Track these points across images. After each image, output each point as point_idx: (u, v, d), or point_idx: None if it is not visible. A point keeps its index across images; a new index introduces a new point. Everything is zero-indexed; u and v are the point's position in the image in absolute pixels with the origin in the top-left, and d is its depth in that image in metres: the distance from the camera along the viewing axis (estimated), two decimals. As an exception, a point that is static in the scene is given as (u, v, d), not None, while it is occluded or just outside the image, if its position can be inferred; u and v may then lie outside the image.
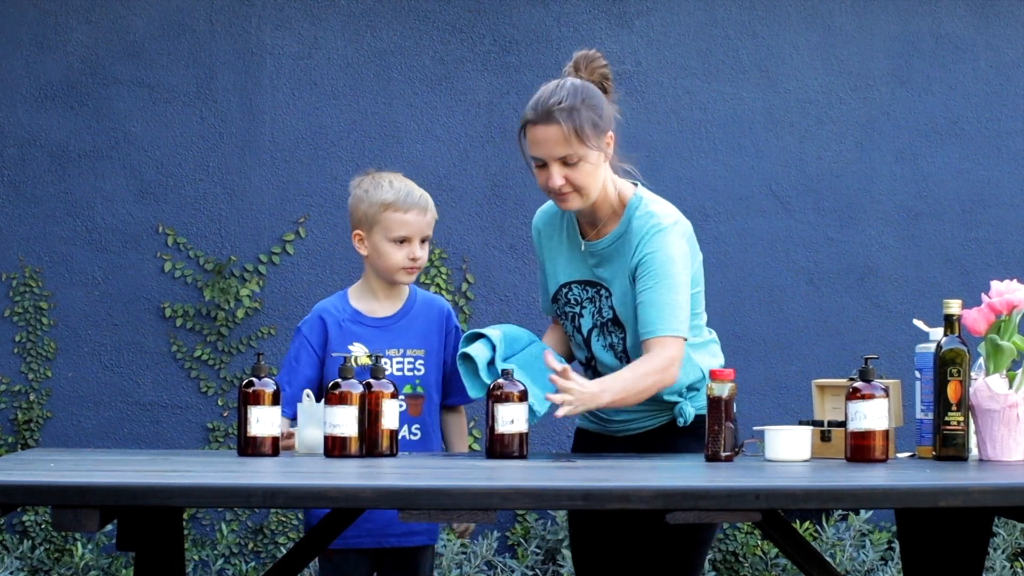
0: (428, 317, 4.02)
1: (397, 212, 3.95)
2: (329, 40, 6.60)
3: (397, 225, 3.94)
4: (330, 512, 3.61)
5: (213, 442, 6.50)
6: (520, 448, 3.60)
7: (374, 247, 3.96)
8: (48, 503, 2.99)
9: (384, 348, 3.94)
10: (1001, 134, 6.80)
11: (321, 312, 4.00)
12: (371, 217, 3.95)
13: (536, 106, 3.74)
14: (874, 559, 6.34)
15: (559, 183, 3.69)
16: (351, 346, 3.94)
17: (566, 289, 3.87)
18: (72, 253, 6.49)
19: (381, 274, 3.99)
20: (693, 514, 2.97)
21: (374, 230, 3.95)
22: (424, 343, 3.99)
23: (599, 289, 3.82)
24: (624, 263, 3.76)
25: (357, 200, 4.00)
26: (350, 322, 3.97)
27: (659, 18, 6.68)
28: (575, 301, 3.86)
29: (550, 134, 3.70)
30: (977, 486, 3.04)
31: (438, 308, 4.06)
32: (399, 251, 3.94)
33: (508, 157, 6.63)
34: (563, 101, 3.72)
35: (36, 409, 6.44)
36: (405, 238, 3.95)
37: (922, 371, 3.63)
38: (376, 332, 3.97)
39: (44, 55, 6.50)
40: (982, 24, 6.80)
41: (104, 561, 6.29)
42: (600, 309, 3.82)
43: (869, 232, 6.75)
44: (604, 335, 3.82)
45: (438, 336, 4.02)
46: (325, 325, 3.96)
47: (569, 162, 3.70)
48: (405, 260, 3.95)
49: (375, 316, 4.00)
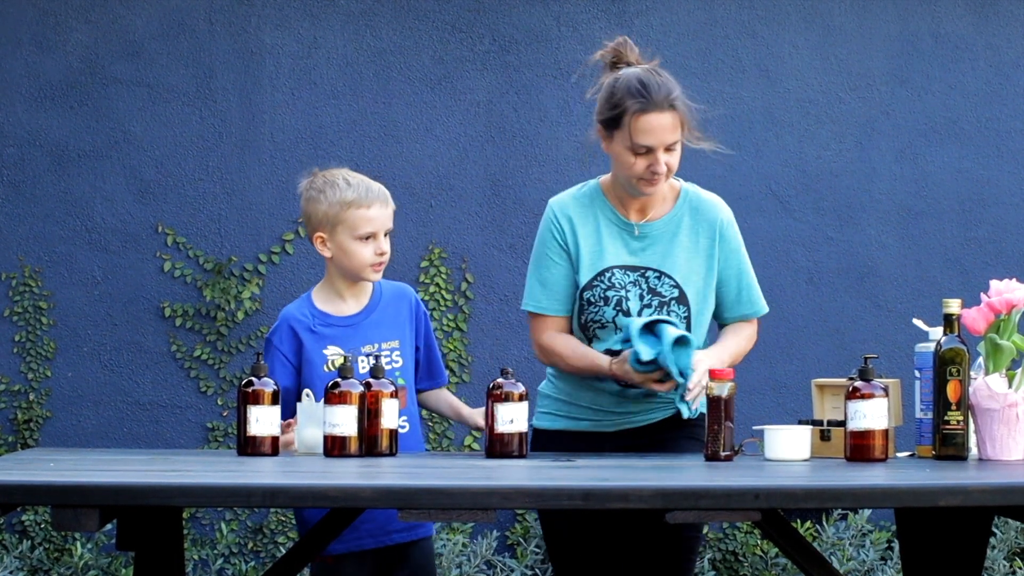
0: (397, 307, 3.98)
1: (360, 209, 3.89)
2: (328, 40, 6.60)
3: (362, 222, 3.88)
4: (328, 512, 3.61)
5: (213, 442, 6.50)
6: (520, 448, 3.60)
7: (339, 247, 3.89)
8: (48, 503, 2.99)
9: (359, 346, 3.90)
10: (1001, 134, 6.80)
11: (289, 320, 3.92)
12: (333, 217, 3.88)
13: (647, 94, 3.78)
14: (874, 559, 6.34)
15: (664, 168, 3.79)
16: (325, 350, 3.89)
17: (608, 273, 3.88)
18: (72, 253, 6.49)
19: (348, 274, 3.93)
20: (693, 513, 2.97)
21: (337, 230, 3.88)
22: (397, 333, 3.95)
23: (643, 272, 3.87)
24: (693, 244, 3.88)
25: (313, 202, 3.93)
26: (321, 325, 3.91)
27: (658, 18, 6.68)
28: (619, 285, 3.87)
29: (665, 122, 3.78)
30: (976, 485, 3.04)
31: (405, 297, 4.02)
32: (366, 248, 3.89)
33: (508, 156, 6.63)
34: (672, 90, 3.81)
35: (36, 409, 6.44)
36: (371, 234, 3.89)
37: (922, 370, 3.63)
38: (348, 331, 3.92)
39: (44, 55, 6.50)
40: (982, 24, 6.80)
41: (104, 561, 6.29)
42: (653, 288, 3.86)
43: (869, 231, 6.75)
44: (663, 313, 3.85)
45: (409, 324, 3.98)
46: (295, 332, 3.90)
47: (671, 148, 3.80)
48: (373, 256, 3.89)
49: (343, 316, 3.94)
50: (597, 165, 6.62)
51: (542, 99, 6.65)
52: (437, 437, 6.54)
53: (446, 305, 6.61)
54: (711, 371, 3.58)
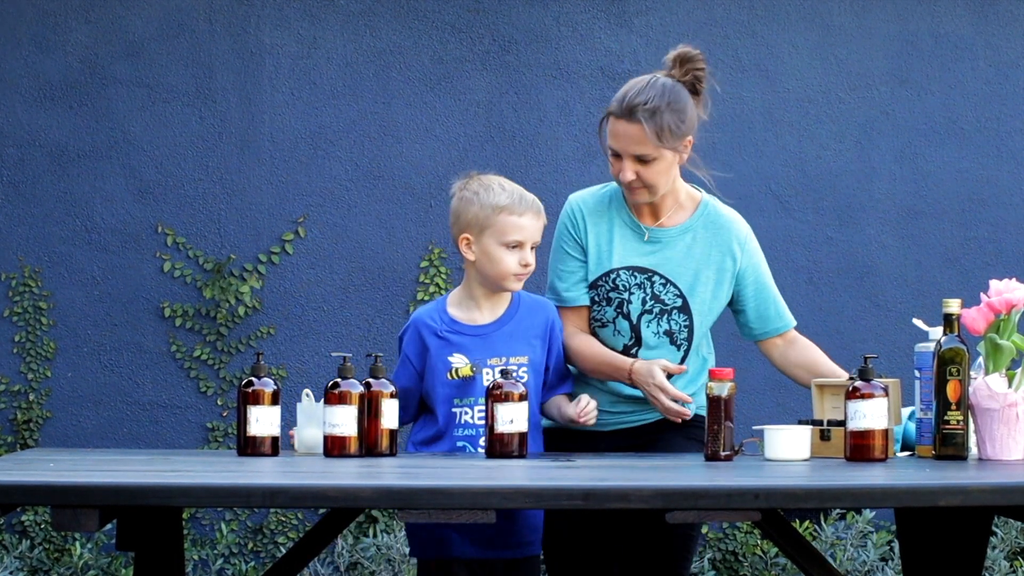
0: (532, 323, 3.86)
1: (512, 215, 3.78)
2: (328, 40, 6.59)
3: (512, 229, 3.78)
4: (329, 512, 3.61)
5: (212, 442, 6.50)
6: (520, 448, 3.60)
7: (484, 252, 3.80)
8: (47, 503, 2.99)
9: (485, 358, 3.80)
10: (1000, 133, 6.80)
11: (418, 322, 3.84)
12: (483, 220, 3.78)
13: (622, 100, 3.79)
14: (874, 559, 6.34)
15: (630, 178, 3.79)
16: (451, 357, 3.80)
17: (614, 275, 3.89)
18: (71, 253, 6.49)
19: (488, 280, 3.82)
20: (693, 513, 2.97)
21: (485, 234, 3.79)
22: (528, 350, 3.83)
23: (650, 276, 3.87)
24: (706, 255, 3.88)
25: (465, 203, 3.82)
26: (449, 332, 3.82)
27: (658, 17, 6.68)
28: (623, 287, 3.88)
29: (630, 131, 3.78)
30: (976, 485, 3.04)
31: (543, 312, 3.88)
32: (511, 256, 3.78)
33: (507, 157, 6.63)
34: (648, 102, 3.77)
35: (35, 409, 6.44)
36: (519, 243, 3.79)
37: (921, 370, 3.63)
38: (476, 341, 3.82)
39: (43, 55, 6.49)
40: (981, 24, 6.80)
41: (103, 561, 6.29)
42: (657, 295, 3.87)
43: (868, 231, 6.75)
44: (663, 321, 3.86)
45: (542, 342, 3.86)
46: (422, 336, 3.82)
47: (643, 160, 3.78)
48: (516, 266, 3.78)
49: (475, 324, 3.84)
50: (596, 165, 6.63)
51: (542, 99, 6.65)
52: (437, 437, 6.54)
53: (446, 305, 6.60)
54: (711, 371, 3.59)
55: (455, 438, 3.82)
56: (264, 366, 3.68)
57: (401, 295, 6.59)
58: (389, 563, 6.24)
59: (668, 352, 3.89)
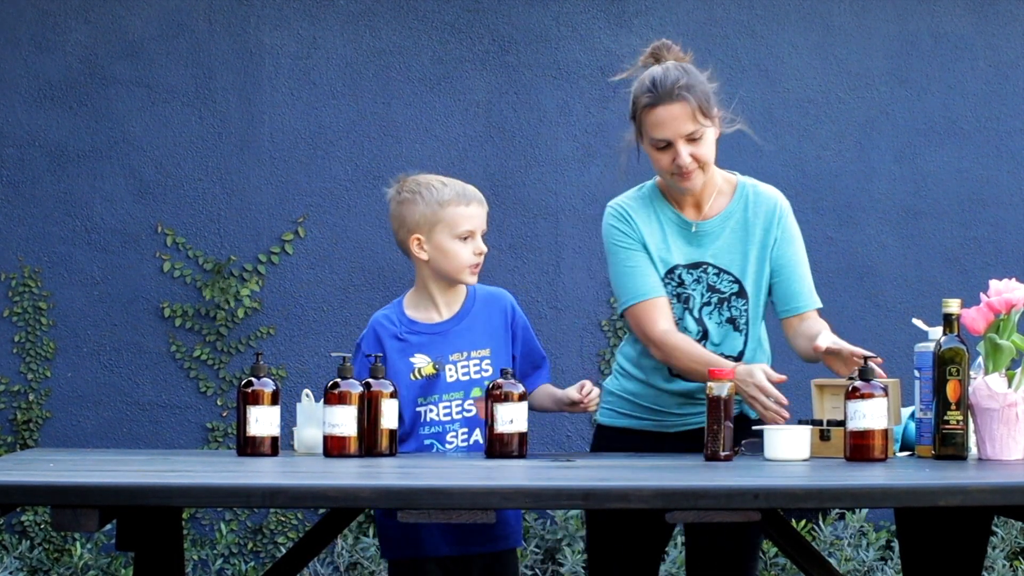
0: (490, 313, 3.89)
1: (459, 207, 3.82)
2: (328, 40, 6.59)
3: (462, 220, 3.82)
4: (329, 512, 3.61)
5: (212, 442, 6.50)
6: (519, 448, 3.60)
7: (437, 248, 3.83)
8: (47, 503, 2.99)
9: (447, 353, 3.82)
10: (1000, 133, 6.80)
11: (376, 326, 3.86)
12: (431, 216, 3.81)
13: (655, 88, 3.77)
14: (873, 558, 6.34)
15: (687, 160, 3.77)
16: (412, 358, 3.82)
17: (678, 271, 3.88)
18: (71, 253, 6.49)
19: (445, 276, 3.85)
20: (692, 513, 2.97)
21: (436, 230, 3.82)
22: (489, 342, 3.86)
23: (704, 268, 3.88)
24: (749, 236, 3.88)
25: (408, 203, 3.85)
26: (408, 333, 3.84)
27: (658, 17, 6.68)
28: (686, 283, 3.88)
29: (676, 112, 3.76)
30: (976, 485, 3.04)
31: (500, 303, 3.92)
32: (465, 248, 3.82)
33: (507, 157, 6.63)
34: (681, 79, 3.77)
35: (35, 409, 6.44)
36: (470, 232, 3.82)
37: (921, 370, 3.63)
38: (436, 339, 3.84)
39: (43, 55, 6.49)
40: (981, 23, 6.80)
41: (103, 561, 6.29)
42: (713, 286, 3.87)
43: (868, 231, 6.75)
44: (723, 310, 3.87)
45: (504, 332, 3.89)
46: (380, 339, 3.83)
47: (694, 137, 3.78)
48: (471, 256, 3.82)
49: (433, 323, 3.86)
50: (596, 165, 6.63)
51: (541, 99, 6.65)
52: (437, 437, 6.54)
53: (446, 305, 6.60)
54: (710, 371, 3.58)
55: (421, 436, 3.83)
56: (264, 366, 3.68)
57: (401, 295, 6.59)
58: (389, 563, 6.23)
59: (732, 339, 3.89)
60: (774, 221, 3.92)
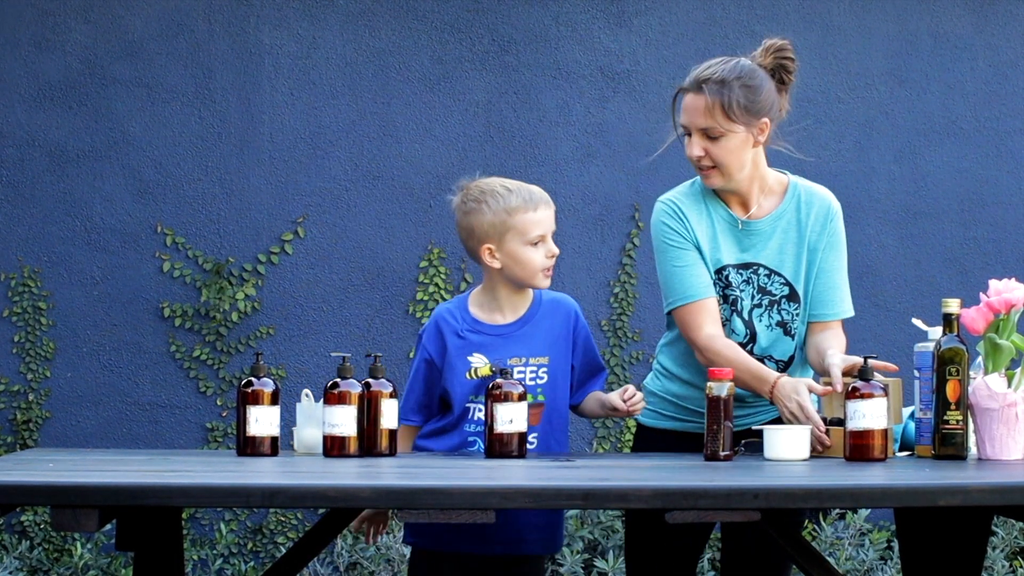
0: (553, 321, 3.86)
1: (528, 212, 3.78)
2: (327, 40, 6.59)
3: (532, 225, 3.78)
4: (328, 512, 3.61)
5: (212, 442, 6.50)
6: (519, 447, 3.59)
7: (510, 256, 3.78)
8: (47, 503, 2.99)
9: (506, 357, 3.80)
10: (1000, 133, 6.80)
11: (439, 320, 3.84)
12: (500, 225, 3.77)
13: (692, 75, 3.77)
14: (873, 558, 6.34)
15: (698, 153, 3.75)
16: (471, 357, 3.80)
17: (726, 272, 3.83)
18: (71, 253, 6.49)
19: (518, 282, 3.81)
20: (692, 513, 2.97)
21: (507, 238, 3.77)
22: (548, 350, 3.82)
23: (755, 269, 3.83)
24: (799, 237, 3.85)
25: (475, 214, 3.80)
26: (469, 331, 3.82)
27: (657, 17, 6.68)
28: (735, 284, 3.82)
29: (696, 103, 3.75)
30: (976, 485, 3.04)
31: (564, 310, 3.89)
32: (537, 253, 3.78)
33: (507, 157, 6.63)
34: (717, 74, 3.74)
35: (35, 409, 6.44)
36: (541, 237, 3.79)
37: (921, 370, 3.63)
38: (497, 341, 3.81)
39: (43, 55, 6.49)
40: (980, 23, 6.80)
41: (103, 561, 6.29)
42: (764, 288, 3.83)
43: (868, 231, 6.75)
44: (773, 313, 3.83)
45: (564, 340, 3.85)
46: (442, 334, 3.81)
47: (711, 135, 3.74)
48: (544, 260, 3.79)
49: (496, 324, 3.83)
50: (596, 165, 6.63)
51: (541, 99, 6.65)
52: (436, 437, 6.54)
53: (445, 305, 6.61)
54: (710, 371, 3.58)
55: (466, 432, 3.82)
56: (263, 366, 3.68)
57: (400, 295, 6.59)
58: (388, 563, 6.24)
59: (783, 343, 3.85)
60: (827, 223, 3.89)
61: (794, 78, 3.89)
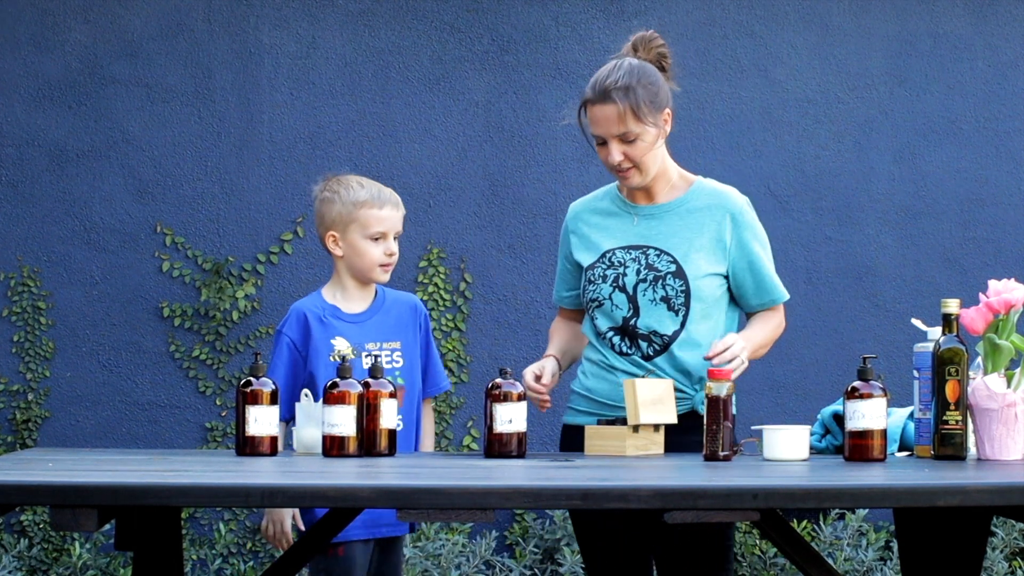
0: (400, 311, 4.14)
1: (373, 209, 4.06)
2: (327, 40, 6.60)
3: (374, 221, 4.05)
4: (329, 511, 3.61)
5: (211, 442, 6.50)
6: (518, 447, 3.60)
7: (351, 246, 4.06)
8: (46, 503, 2.99)
9: (363, 342, 4.03)
10: (999, 133, 6.81)
11: (300, 310, 4.08)
12: (346, 216, 4.05)
13: (594, 86, 3.88)
14: (873, 559, 6.34)
15: (618, 159, 3.86)
16: (333, 340, 4.02)
17: (609, 254, 3.95)
18: (70, 253, 6.49)
19: (357, 273, 4.09)
20: (691, 513, 2.97)
21: (350, 229, 4.05)
22: (399, 335, 4.09)
23: (644, 250, 3.93)
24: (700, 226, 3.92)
25: (327, 203, 4.09)
26: (331, 316, 4.06)
27: (657, 17, 6.68)
28: (618, 263, 3.94)
29: (608, 112, 3.84)
30: (975, 485, 3.04)
31: (408, 303, 4.18)
32: (376, 248, 4.05)
33: (506, 156, 6.63)
34: (619, 80, 3.85)
35: (34, 409, 6.44)
36: (381, 234, 4.05)
37: (920, 370, 3.63)
38: (353, 327, 4.06)
39: (42, 55, 6.49)
40: (980, 24, 6.80)
41: (102, 560, 6.29)
42: (651, 265, 3.91)
43: (867, 231, 6.75)
44: (658, 287, 3.89)
45: (412, 329, 4.13)
46: (307, 320, 4.05)
47: (627, 139, 3.86)
48: (382, 256, 4.05)
49: (351, 312, 4.09)
50: (595, 164, 6.62)
51: (541, 99, 6.65)
52: (436, 437, 6.54)
53: (445, 305, 6.61)
54: (709, 371, 3.58)
55: None
56: (263, 366, 3.68)
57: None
58: (388, 563, 6.24)
59: (666, 317, 3.90)
60: (728, 217, 3.94)
61: (670, 62, 4.00)
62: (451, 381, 6.58)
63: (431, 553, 6.23)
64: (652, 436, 3.72)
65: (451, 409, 6.60)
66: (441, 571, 6.21)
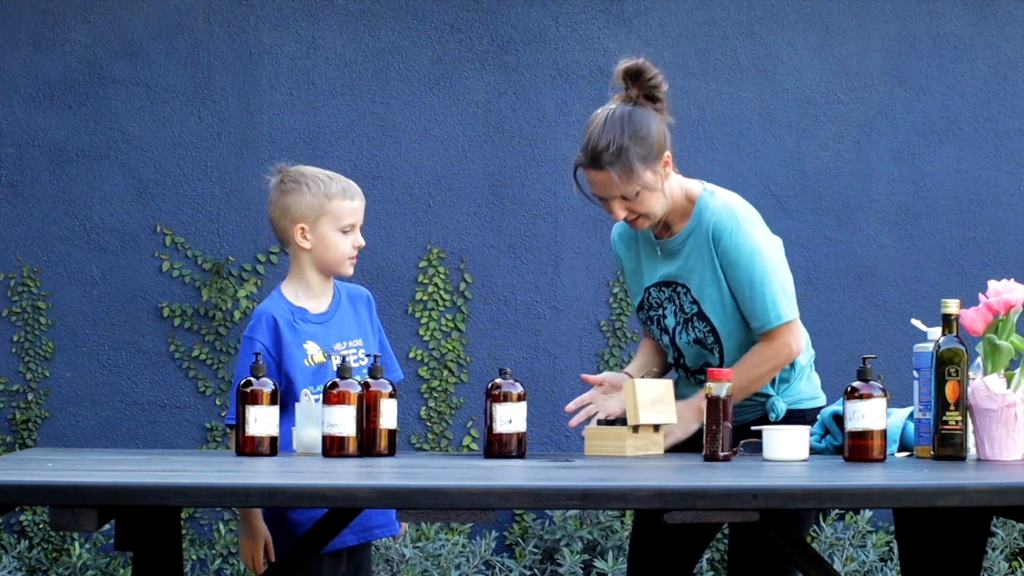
0: (357, 306, 4.06)
1: (345, 200, 3.97)
2: (327, 40, 6.59)
3: (347, 213, 3.96)
4: (328, 512, 3.61)
5: (211, 442, 6.50)
6: (518, 448, 3.60)
7: (320, 238, 3.95)
8: (46, 503, 2.99)
9: (331, 344, 3.94)
10: (999, 134, 6.81)
11: (269, 314, 3.92)
12: (317, 208, 3.95)
13: (586, 149, 3.79)
14: (873, 559, 6.34)
15: (622, 216, 3.82)
16: (305, 345, 3.92)
17: (646, 294, 3.97)
18: (70, 253, 6.49)
19: (324, 267, 3.97)
20: (691, 514, 2.97)
21: (321, 221, 3.95)
22: (360, 332, 4.01)
23: (675, 287, 3.90)
24: (701, 257, 3.86)
25: (294, 193, 3.99)
26: (301, 320, 3.94)
27: (657, 17, 6.68)
28: (656, 304, 3.93)
29: (603, 179, 3.79)
30: (975, 486, 3.04)
31: (363, 296, 4.10)
32: (345, 240, 3.97)
33: (506, 157, 6.63)
34: (611, 144, 3.75)
35: (34, 409, 6.44)
36: (351, 226, 3.98)
37: (920, 371, 3.63)
38: (320, 328, 3.95)
39: (42, 55, 6.49)
40: (980, 24, 6.80)
41: (102, 561, 6.29)
42: (681, 306, 3.89)
43: (867, 232, 6.75)
44: (688, 330, 3.89)
45: (370, 323, 4.06)
46: (277, 326, 3.90)
47: (627, 197, 3.79)
48: (351, 249, 3.97)
49: (317, 312, 3.98)
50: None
51: (541, 99, 6.65)
52: (436, 437, 6.54)
53: (444, 305, 6.61)
54: (709, 371, 3.58)
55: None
56: (263, 366, 3.68)
57: (400, 295, 6.59)
58: (388, 563, 6.24)
59: (705, 355, 3.92)
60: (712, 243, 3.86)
61: (663, 93, 3.90)
62: (451, 381, 6.58)
63: (431, 553, 6.23)
64: (652, 436, 3.72)
65: (451, 409, 6.60)
66: (441, 571, 6.21)
